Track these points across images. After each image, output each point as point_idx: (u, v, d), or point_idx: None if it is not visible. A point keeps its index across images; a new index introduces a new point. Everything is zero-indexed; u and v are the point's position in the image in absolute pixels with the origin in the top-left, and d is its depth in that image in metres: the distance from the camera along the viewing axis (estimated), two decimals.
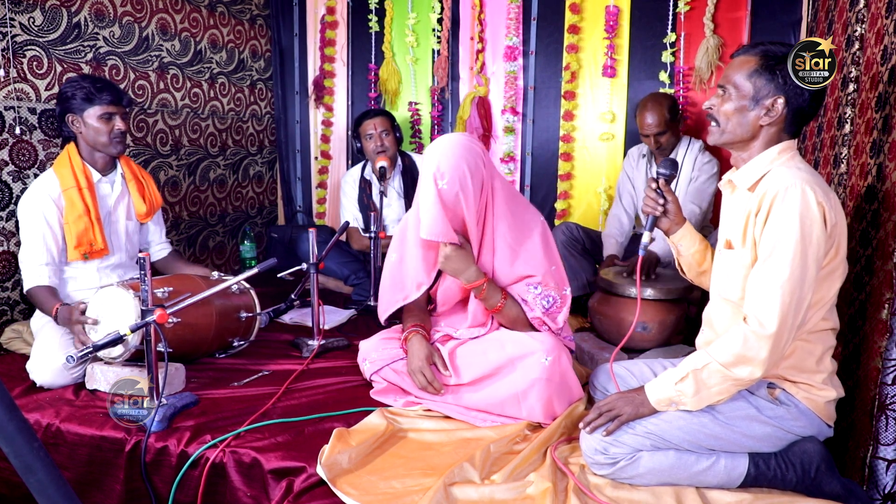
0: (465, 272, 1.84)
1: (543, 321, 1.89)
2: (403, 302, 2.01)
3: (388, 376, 1.97)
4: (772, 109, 1.47)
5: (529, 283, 1.89)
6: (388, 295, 2.05)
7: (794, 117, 1.49)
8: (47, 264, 2.13)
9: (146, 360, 1.76)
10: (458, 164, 1.76)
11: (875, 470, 1.44)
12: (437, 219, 1.77)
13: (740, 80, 1.49)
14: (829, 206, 1.39)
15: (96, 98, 2.18)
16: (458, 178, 1.76)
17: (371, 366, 2.01)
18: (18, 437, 0.59)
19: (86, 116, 2.19)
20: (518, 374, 1.79)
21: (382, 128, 3.18)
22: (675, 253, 1.76)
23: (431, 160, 1.77)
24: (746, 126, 1.50)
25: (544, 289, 1.88)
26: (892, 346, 1.40)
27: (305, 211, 4.19)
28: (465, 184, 1.77)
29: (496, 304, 1.88)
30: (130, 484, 1.69)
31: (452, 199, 1.77)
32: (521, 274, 1.89)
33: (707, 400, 1.46)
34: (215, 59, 3.48)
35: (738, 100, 1.50)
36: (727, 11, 3.15)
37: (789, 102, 1.46)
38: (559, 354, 1.79)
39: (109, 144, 2.22)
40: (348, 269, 3.23)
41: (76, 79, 2.24)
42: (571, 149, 3.52)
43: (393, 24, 3.79)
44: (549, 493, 1.44)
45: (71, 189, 2.16)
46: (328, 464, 1.53)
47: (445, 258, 1.82)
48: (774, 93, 1.46)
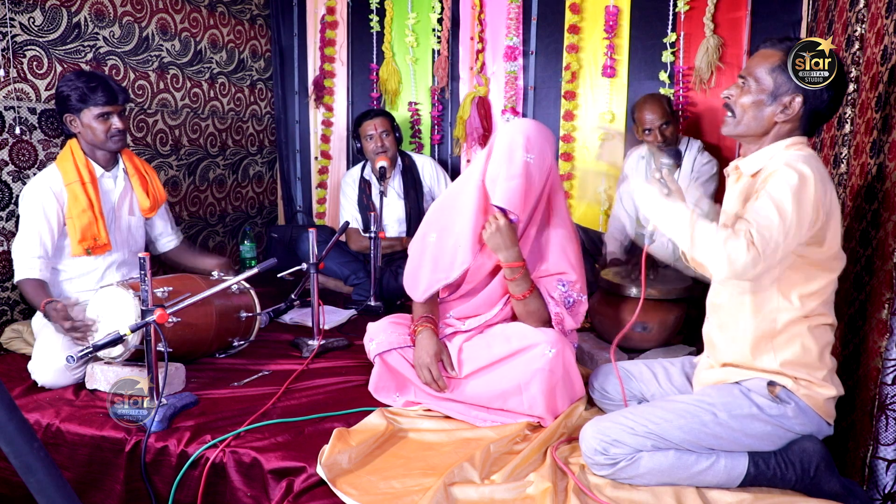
0: (507, 250, 1.83)
1: (562, 319, 1.90)
2: (446, 281, 1.97)
3: (391, 360, 1.96)
4: (789, 107, 1.47)
5: (561, 280, 1.91)
6: (429, 274, 1.98)
7: (810, 117, 1.49)
8: (40, 257, 2.13)
9: (146, 360, 1.76)
10: (543, 144, 1.84)
11: (875, 470, 1.44)
12: (519, 190, 1.80)
13: (762, 73, 1.49)
14: (823, 193, 1.39)
15: (90, 98, 2.17)
16: (542, 156, 1.84)
17: (377, 346, 1.99)
18: (18, 437, 0.59)
19: (82, 117, 2.18)
20: (521, 364, 1.80)
21: (383, 128, 3.18)
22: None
23: (519, 133, 1.82)
24: (762, 120, 1.50)
25: (571, 289, 1.91)
26: (892, 346, 1.40)
27: (305, 211, 4.19)
28: (544, 163, 1.85)
29: (523, 291, 1.87)
30: (130, 484, 1.69)
31: (536, 173, 1.83)
32: (558, 270, 1.93)
33: (663, 223, 1.47)
34: (215, 59, 3.48)
35: (757, 93, 1.50)
36: (727, 11, 3.15)
37: (807, 102, 1.46)
38: (563, 348, 1.80)
39: (107, 142, 2.22)
40: (348, 269, 3.23)
41: (71, 77, 2.21)
42: (572, 149, 3.52)
43: (393, 24, 3.78)
44: (549, 493, 1.44)
45: (74, 184, 2.16)
46: (328, 464, 1.53)
47: (497, 229, 1.81)
48: (794, 91, 1.46)
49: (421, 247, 2.02)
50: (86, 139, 2.22)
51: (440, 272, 1.98)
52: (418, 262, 2.02)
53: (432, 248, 1.99)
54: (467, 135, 3.63)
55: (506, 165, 1.81)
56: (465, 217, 1.91)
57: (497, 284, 1.96)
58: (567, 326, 1.92)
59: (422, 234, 2.04)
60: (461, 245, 1.92)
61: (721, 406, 1.49)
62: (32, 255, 2.13)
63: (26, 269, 2.12)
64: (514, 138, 1.82)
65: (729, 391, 1.52)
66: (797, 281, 1.47)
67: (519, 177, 1.80)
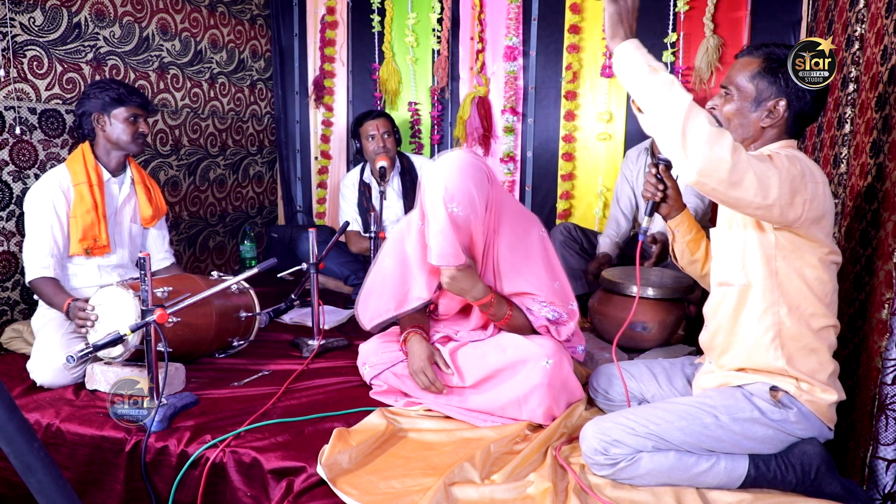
0: (471, 290, 1.80)
1: (548, 328, 1.87)
2: (396, 312, 1.96)
3: (388, 380, 1.96)
4: (773, 112, 1.48)
5: (534, 299, 1.87)
6: (379, 302, 1.98)
7: (796, 119, 1.50)
8: (53, 255, 2.16)
9: (146, 360, 1.76)
10: (466, 187, 1.70)
11: (875, 470, 1.44)
12: (449, 244, 1.71)
13: (743, 81, 1.50)
14: (807, 184, 1.37)
15: (127, 100, 2.27)
16: (468, 200, 1.70)
17: (371, 370, 2.00)
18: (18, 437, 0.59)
19: (113, 116, 2.25)
20: (519, 379, 1.78)
21: (384, 129, 3.18)
22: (671, 238, 1.77)
23: (438, 183, 1.70)
24: (748, 127, 1.51)
25: (548, 306, 1.87)
26: (892, 346, 1.40)
27: (305, 211, 4.19)
28: (474, 205, 1.72)
29: (503, 317, 1.86)
30: (130, 484, 1.69)
31: (463, 221, 1.72)
32: (523, 291, 1.87)
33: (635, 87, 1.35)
34: (215, 59, 3.48)
35: (740, 101, 1.50)
36: (727, 11, 3.15)
37: (791, 105, 1.47)
38: (560, 358, 1.78)
39: (131, 142, 2.28)
40: (348, 270, 3.23)
41: (106, 81, 2.31)
42: (573, 149, 3.52)
43: (393, 24, 3.79)
44: (549, 493, 1.44)
45: (82, 184, 2.20)
46: (328, 464, 1.53)
47: (452, 279, 1.77)
48: (776, 95, 1.47)
49: (379, 270, 2.00)
50: (109, 139, 2.27)
51: (390, 301, 1.95)
52: (370, 288, 2.00)
53: (387, 274, 1.97)
54: (467, 135, 3.63)
55: (431, 222, 1.73)
56: (414, 259, 1.91)
57: (477, 314, 1.95)
58: (556, 338, 1.88)
59: (380, 258, 2.01)
60: (415, 281, 1.92)
61: (723, 409, 1.49)
62: (45, 254, 2.14)
63: (39, 268, 2.14)
64: (434, 191, 1.71)
65: (731, 394, 1.52)
66: (799, 285, 1.46)
67: (446, 231, 1.70)
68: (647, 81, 1.33)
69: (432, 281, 1.92)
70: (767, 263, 1.47)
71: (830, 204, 1.44)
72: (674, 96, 1.30)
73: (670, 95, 1.30)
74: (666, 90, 1.30)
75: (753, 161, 1.30)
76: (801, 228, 1.41)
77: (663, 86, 1.31)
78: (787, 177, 1.33)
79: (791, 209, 1.35)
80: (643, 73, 1.34)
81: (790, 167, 1.35)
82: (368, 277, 2.03)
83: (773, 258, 1.46)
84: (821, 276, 1.46)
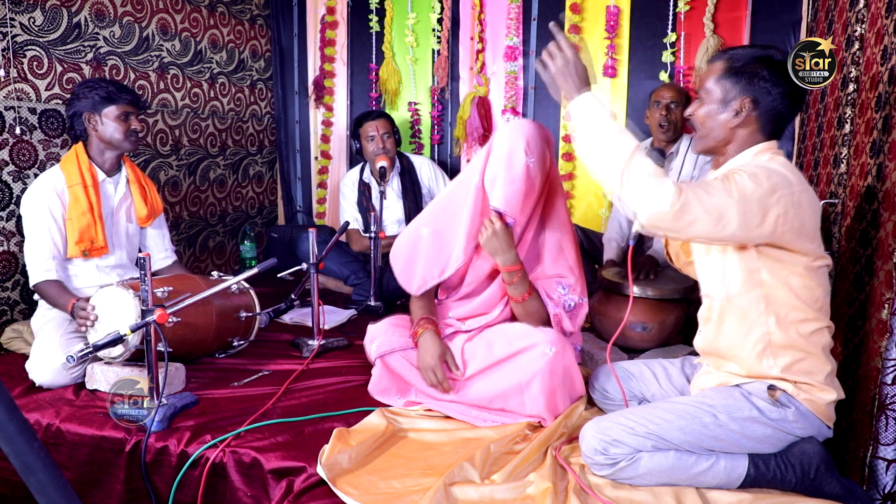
0: (504, 253, 1.83)
1: (561, 319, 1.90)
2: (440, 278, 1.97)
3: (393, 363, 1.95)
4: (741, 111, 1.49)
5: (560, 283, 1.91)
6: (423, 269, 1.98)
7: (768, 117, 1.50)
8: (54, 258, 2.15)
9: (146, 360, 1.76)
10: (543, 146, 1.83)
11: (875, 470, 1.44)
12: (519, 193, 1.79)
13: (710, 84, 1.53)
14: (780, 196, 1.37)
15: (117, 98, 2.25)
16: (543, 158, 1.83)
17: (378, 348, 1.98)
18: (18, 437, 0.59)
19: (104, 115, 2.23)
20: (522, 364, 1.79)
21: (384, 130, 3.18)
22: (664, 240, 1.78)
23: (519, 135, 1.80)
24: (719, 129, 1.53)
25: (571, 292, 1.91)
26: (892, 346, 1.40)
27: (305, 211, 4.19)
28: (544, 166, 1.84)
29: (522, 294, 1.87)
30: (130, 484, 1.69)
31: (535, 176, 1.82)
32: (556, 272, 1.92)
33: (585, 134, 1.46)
34: (215, 59, 3.48)
35: (710, 104, 1.54)
36: (727, 11, 3.15)
37: (758, 102, 1.48)
38: (563, 347, 1.80)
39: (124, 140, 2.26)
40: (348, 270, 3.23)
41: (95, 80, 2.29)
42: (573, 149, 3.52)
43: (393, 24, 3.79)
44: (549, 493, 1.44)
45: (76, 186, 2.19)
46: (328, 464, 1.53)
47: (493, 234, 1.81)
48: (741, 94, 1.49)
49: (413, 240, 2.00)
50: (102, 138, 2.25)
51: (434, 268, 1.97)
52: (412, 256, 2.00)
53: (426, 243, 1.98)
54: (467, 135, 3.63)
55: (505, 169, 1.80)
56: (461, 217, 1.91)
57: (496, 287, 1.96)
58: (566, 328, 1.91)
59: (414, 227, 2.02)
60: (456, 244, 1.92)
61: (721, 408, 1.49)
62: (46, 257, 2.14)
63: (42, 271, 2.13)
64: (515, 141, 1.80)
65: (730, 393, 1.52)
66: (785, 294, 1.46)
67: (519, 181, 1.79)
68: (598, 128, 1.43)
69: (469, 245, 1.93)
70: (750, 277, 1.47)
71: (812, 209, 1.43)
72: (620, 142, 1.37)
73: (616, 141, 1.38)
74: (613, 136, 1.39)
75: (704, 198, 1.32)
76: (781, 241, 1.42)
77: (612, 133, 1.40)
78: (752, 199, 1.34)
79: (762, 228, 1.37)
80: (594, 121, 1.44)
81: (755, 188, 1.35)
82: (404, 246, 2.01)
83: (756, 271, 1.47)
84: (807, 283, 1.46)
